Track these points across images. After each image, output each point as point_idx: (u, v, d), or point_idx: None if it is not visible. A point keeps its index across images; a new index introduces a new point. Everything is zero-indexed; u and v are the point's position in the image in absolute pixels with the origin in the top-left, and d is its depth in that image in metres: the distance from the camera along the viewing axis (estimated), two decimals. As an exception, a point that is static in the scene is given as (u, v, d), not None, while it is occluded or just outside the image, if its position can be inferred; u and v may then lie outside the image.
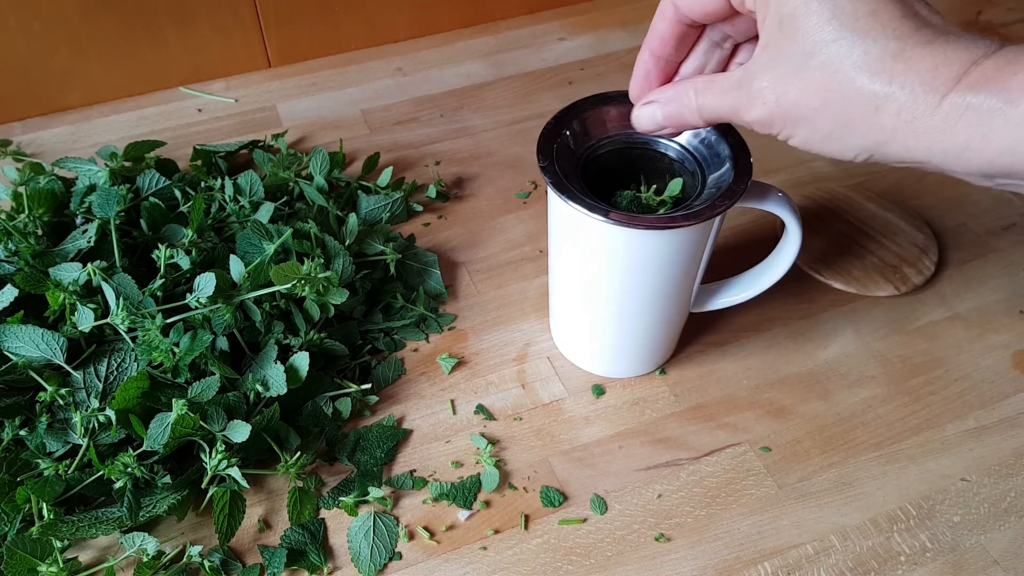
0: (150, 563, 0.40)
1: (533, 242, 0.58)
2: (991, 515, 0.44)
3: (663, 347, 0.49)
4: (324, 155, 0.59)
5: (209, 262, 0.49)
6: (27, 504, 0.41)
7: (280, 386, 0.44)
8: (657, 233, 0.39)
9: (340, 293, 0.47)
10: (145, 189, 0.54)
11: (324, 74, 0.72)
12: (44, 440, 0.43)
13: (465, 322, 0.53)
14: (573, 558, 0.42)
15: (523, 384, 0.50)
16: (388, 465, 0.46)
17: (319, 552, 0.42)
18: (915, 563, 0.42)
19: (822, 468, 0.46)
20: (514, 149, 0.65)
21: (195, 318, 0.44)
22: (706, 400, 0.49)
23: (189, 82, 0.71)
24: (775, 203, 0.42)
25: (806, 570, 0.42)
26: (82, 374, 0.44)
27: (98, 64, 0.66)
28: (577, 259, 0.43)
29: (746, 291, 0.48)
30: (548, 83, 0.72)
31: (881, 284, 0.54)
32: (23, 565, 0.39)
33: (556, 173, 0.40)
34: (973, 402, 0.49)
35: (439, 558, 0.42)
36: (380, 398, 0.49)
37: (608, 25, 0.78)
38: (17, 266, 0.48)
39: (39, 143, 0.65)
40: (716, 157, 0.42)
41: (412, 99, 0.70)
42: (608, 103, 0.44)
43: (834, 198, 0.60)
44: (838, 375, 0.50)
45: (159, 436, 0.41)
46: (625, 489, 0.45)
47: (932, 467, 0.46)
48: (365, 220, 0.57)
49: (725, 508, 0.44)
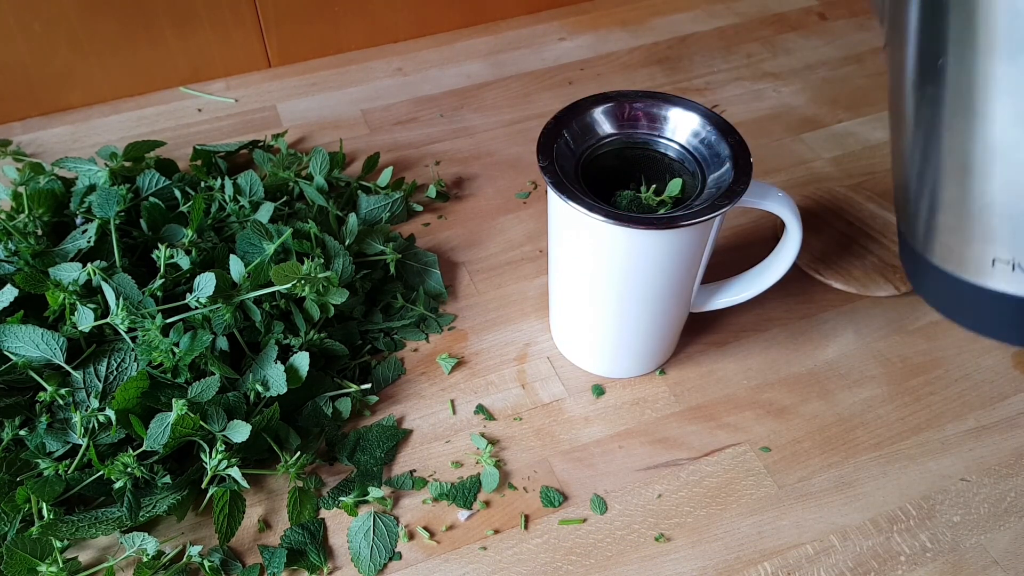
0: (150, 563, 0.40)
1: (533, 242, 0.58)
2: (991, 515, 0.44)
3: (663, 347, 0.49)
4: (324, 155, 0.59)
5: (209, 262, 0.49)
6: (27, 504, 0.41)
7: (280, 386, 0.44)
8: (657, 233, 0.39)
9: (340, 293, 0.47)
10: (145, 189, 0.54)
11: (324, 74, 0.72)
12: (44, 440, 0.43)
13: (465, 322, 0.53)
14: (573, 558, 0.42)
15: (523, 384, 0.50)
16: (388, 465, 0.46)
17: (319, 552, 0.42)
18: (915, 563, 0.42)
19: (822, 468, 0.46)
20: (514, 149, 0.65)
21: (195, 318, 0.44)
22: (706, 400, 0.49)
23: (189, 82, 0.71)
24: (775, 203, 0.43)
25: (806, 570, 0.42)
26: (82, 374, 0.44)
27: (98, 64, 0.66)
28: (577, 259, 0.43)
29: (746, 291, 0.48)
30: (548, 83, 0.72)
31: (881, 284, 0.54)
32: (23, 565, 0.39)
33: (556, 173, 0.40)
34: (973, 402, 0.49)
35: (439, 558, 0.42)
36: (380, 398, 0.49)
37: (608, 25, 0.78)
38: (17, 266, 0.48)
39: (39, 143, 0.65)
40: (716, 157, 0.42)
41: (412, 99, 0.70)
42: (608, 103, 0.44)
43: (834, 198, 0.60)
44: (838, 375, 0.50)
45: (159, 436, 0.41)
46: (625, 489, 0.45)
47: (932, 467, 0.46)
48: (365, 220, 0.57)
49: (725, 508, 0.44)
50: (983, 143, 0.38)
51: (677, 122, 0.44)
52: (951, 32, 0.37)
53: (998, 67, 0.35)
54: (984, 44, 0.36)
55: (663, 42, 0.76)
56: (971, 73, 0.37)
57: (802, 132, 0.67)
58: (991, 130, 0.37)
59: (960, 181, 0.39)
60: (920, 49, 0.39)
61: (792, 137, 0.66)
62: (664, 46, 0.76)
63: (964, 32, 0.36)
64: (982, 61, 0.36)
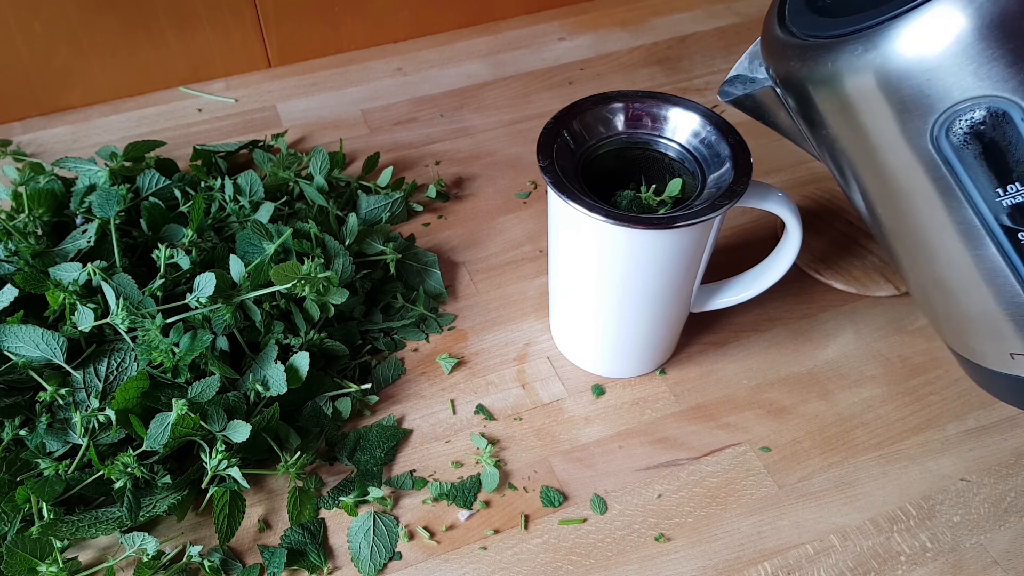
0: (150, 563, 0.40)
1: (533, 242, 0.58)
2: (991, 515, 0.44)
3: (663, 347, 0.49)
4: (324, 155, 0.59)
5: (209, 262, 0.49)
6: (27, 504, 0.41)
7: (280, 386, 0.44)
8: (657, 233, 0.39)
9: (340, 293, 0.47)
10: (145, 189, 0.54)
11: (324, 74, 0.72)
12: (44, 440, 0.43)
13: (465, 322, 0.53)
14: (573, 558, 0.42)
15: (523, 384, 0.50)
16: (388, 465, 0.46)
17: (319, 552, 0.42)
18: (915, 563, 0.42)
19: (822, 468, 0.46)
20: (514, 149, 0.65)
21: (195, 318, 0.44)
22: (706, 400, 0.49)
23: (189, 82, 0.71)
24: (775, 203, 0.43)
25: (806, 570, 0.42)
26: (82, 374, 0.44)
27: (98, 64, 0.66)
28: (577, 259, 0.43)
29: (746, 291, 0.48)
30: (548, 83, 0.72)
31: (881, 284, 0.54)
32: (23, 565, 0.39)
33: (556, 173, 0.40)
34: (973, 402, 0.49)
35: (439, 558, 0.42)
36: (380, 398, 0.49)
37: (608, 25, 0.78)
38: (17, 266, 0.48)
39: (39, 143, 0.65)
40: (716, 157, 0.42)
41: (412, 99, 0.70)
42: (608, 103, 0.44)
43: (834, 198, 0.60)
44: (838, 375, 0.50)
45: (159, 436, 0.41)
46: (625, 489, 0.45)
47: (932, 467, 0.46)
48: (365, 220, 0.57)
49: (725, 508, 0.44)
50: (945, 272, 0.38)
51: (677, 122, 0.44)
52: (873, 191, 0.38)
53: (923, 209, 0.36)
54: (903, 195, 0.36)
55: (663, 42, 0.76)
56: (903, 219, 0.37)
57: (802, 132, 0.67)
58: (942, 264, 0.37)
59: (947, 299, 0.39)
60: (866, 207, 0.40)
61: (792, 137, 0.66)
62: (664, 46, 0.76)
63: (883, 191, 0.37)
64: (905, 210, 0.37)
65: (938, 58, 0.31)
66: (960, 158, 0.33)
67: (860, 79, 0.33)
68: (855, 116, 0.35)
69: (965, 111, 0.32)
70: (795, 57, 0.35)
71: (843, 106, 0.35)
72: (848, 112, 0.35)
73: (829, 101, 0.35)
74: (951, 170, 0.33)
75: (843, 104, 0.35)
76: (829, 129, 0.37)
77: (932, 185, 0.34)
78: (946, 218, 0.35)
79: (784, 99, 0.38)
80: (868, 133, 0.35)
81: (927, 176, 0.34)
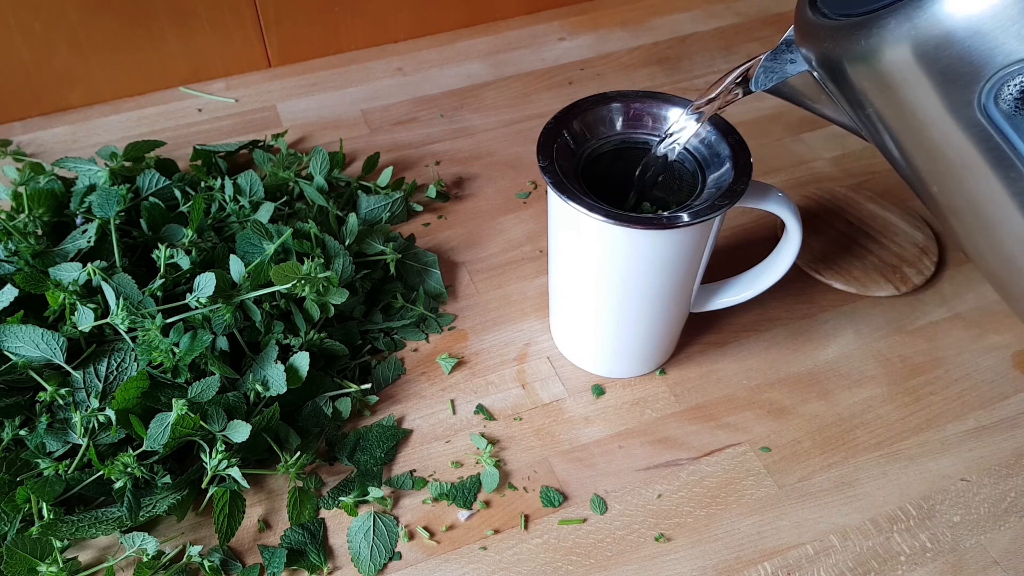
0: (150, 563, 0.40)
1: (533, 242, 0.58)
2: (991, 515, 0.44)
3: (663, 347, 0.49)
4: (324, 155, 0.59)
5: (209, 262, 0.49)
6: (27, 504, 0.41)
7: (280, 386, 0.44)
8: (657, 233, 0.39)
9: (340, 293, 0.47)
10: (145, 189, 0.54)
11: (324, 74, 0.72)
12: (44, 440, 0.43)
13: (465, 322, 0.53)
14: (573, 558, 0.42)
15: (523, 384, 0.50)
16: (388, 465, 0.46)
17: (319, 552, 0.42)
18: (915, 563, 0.42)
19: (822, 468, 0.46)
20: (514, 149, 0.65)
21: (195, 318, 0.44)
22: (706, 400, 0.49)
23: (189, 82, 0.71)
24: (775, 203, 0.43)
25: (806, 570, 0.42)
26: (82, 374, 0.44)
27: (98, 64, 0.66)
28: (577, 259, 0.43)
29: (746, 291, 0.48)
30: (548, 83, 0.72)
31: (881, 284, 0.54)
32: (23, 565, 0.39)
33: (556, 173, 0.40)
34: (973, 402, 0.49)
35: (439, 558, 0.42)
36: (380, 398, 0.49)
37: (608, 25, 0.78)
38: (17, 266, 0.48)
39: (39, 143, 0.65)
40: (716, 157, 0.42)
41: (412, 99, 0.70)
42: (608, 103, 0.44)
43: (834, 198, 0.60)
44: (838, 375, 0.50)
45: (159, 436, 0.41)
46: (625, 489, 0.45)
47: (932, 467, 0.46)
48: (365, 220, 0.57)
49: (725, 508, 0.44)
50: (1010, 248, 0.36)
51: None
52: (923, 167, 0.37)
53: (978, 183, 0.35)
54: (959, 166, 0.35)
55: (663, 42, 0.76)
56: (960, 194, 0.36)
57: (802, 132, 0.67)
58: (1005, 239, 0.36)
59: (1015, 276, 0.38)
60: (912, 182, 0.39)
61: (792, 137, 0.66)
62: (664, 46, 0.76)
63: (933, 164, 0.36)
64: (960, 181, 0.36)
65: (977, 21, 0.30)
66: (1013, 125, 0.32)
67: (896, 53, 0.32)
68: (896, 92, 0.34)
69: (1014, 75, 0.30)
70: (828, 38, 0.34)
71: (882, 84, 0.34)
72: (888, 90, 0.34)
73: (868, 80, 0.34)
74: (1005, 138, 0.32)
75: (882, 81, 0.34)
76: (872, 108, 0.36)
77: (985, 156, 0.33)
78: (1003, 191, 0.34)
79: (823, 83, 0.38)
80: (912, 109, 0.34)
81: (979, 148, 0.33)
